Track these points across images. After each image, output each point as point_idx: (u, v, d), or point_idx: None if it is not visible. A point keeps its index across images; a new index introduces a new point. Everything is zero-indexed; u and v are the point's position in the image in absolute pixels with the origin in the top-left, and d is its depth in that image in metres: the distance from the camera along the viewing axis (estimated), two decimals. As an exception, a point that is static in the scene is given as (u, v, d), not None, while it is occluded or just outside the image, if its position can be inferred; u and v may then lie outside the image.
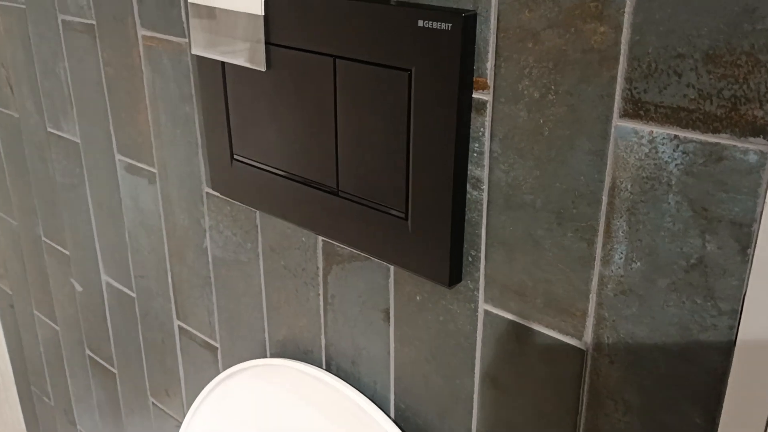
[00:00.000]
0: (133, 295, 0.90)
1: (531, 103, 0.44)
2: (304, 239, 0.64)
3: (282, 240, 0.66)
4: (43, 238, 1.07)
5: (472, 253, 0.51)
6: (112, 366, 1.01)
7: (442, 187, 0.49)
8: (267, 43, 0.57)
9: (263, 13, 0.56)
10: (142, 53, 0.73)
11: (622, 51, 0.39)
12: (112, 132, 0.82)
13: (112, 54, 0.77)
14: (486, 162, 0.48)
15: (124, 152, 0.81)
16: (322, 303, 0.64)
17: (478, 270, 0.51)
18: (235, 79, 0.61)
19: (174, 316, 0.84)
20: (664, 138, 0.39)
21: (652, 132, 0.39)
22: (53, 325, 1.14)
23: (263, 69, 0.58)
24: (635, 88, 0.40)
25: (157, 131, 0.75)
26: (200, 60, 0.64)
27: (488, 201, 0.48)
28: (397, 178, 0.52)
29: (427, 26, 0.46)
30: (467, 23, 0.45)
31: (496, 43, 0.45)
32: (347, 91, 0.53)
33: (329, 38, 0.53)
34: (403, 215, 0.53)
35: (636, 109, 0.40)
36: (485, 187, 0.48)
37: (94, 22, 0.78)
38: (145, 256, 0.85)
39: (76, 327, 1.07)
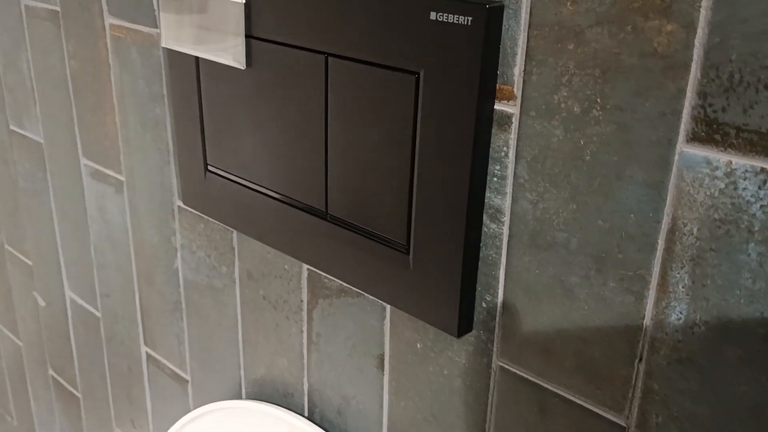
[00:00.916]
0: (99, 314, 0.81)
1: (569, 119, 0.35)
2: (286, 267, 0.55)
3: (261, 266, 0.57)
4: (6, 246, 0.97)
5: (487, 298, 0.42)
6: (76, 389, 0.92)
7: (453, 216, 0.40)
8: (248, 36, 0.48)
9: (244, 0, 0.47)
10: (109, 45, 0.64)
11: (695, 57, 0.31)
12: (77, 133, 0.73)
13: (78, 45, 0.68)
14: (508, 189, 0.39)
15: (89, 156, 0.72)
16: (305, 341, 0.55)
17: (494, 319, 0.42)
18: (210, 78, 0.52)
19: (141, 341, 0.75)
20: (747, 171, 0.30)
21: (731, 163, 0.31)
22: (16, 340, 1.05)
23: (242, 67, 0.49)
24: (710, 106, 0.31)
25: (125, 135, 0.66)
26: (171, 54, 0.55)
27: (509, 236, 0.39)
28: (398, 203, 0.43)
29: (441, 20, 0.37)
30: (492, 17, 0.36)
31: (528, 42, 0.36)
32: (341, 96, 0.44)
33: (321, 32, 0.44)
34: (403, 247, 0.43)
35: (710, 133, 0.31)
36: (506, 219, 0.39)
37: (58, 8, 0.69)
38: (111, 273, 0.75)
39: (38, 344, 0.98)
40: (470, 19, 0.36)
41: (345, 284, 0.50)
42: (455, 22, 0.37)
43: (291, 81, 0.46)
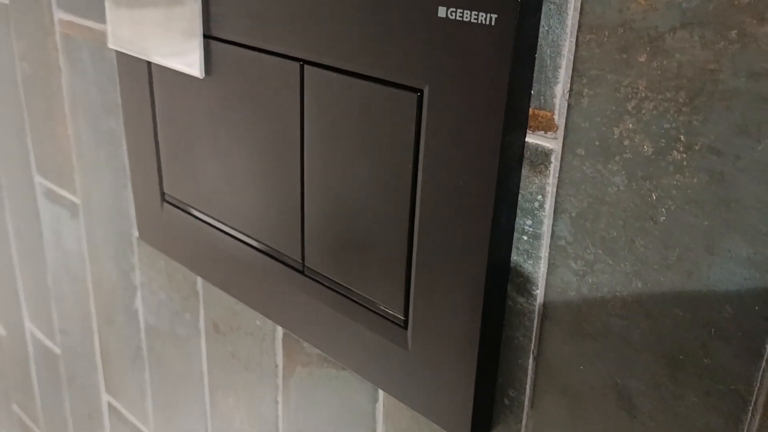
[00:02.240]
0: (58, 351, 0.70)
1: (636, 162, 0.24)
2: (258, 323, 0.44)
3: (230, 318, 0.46)
4: (-33, 265, 0.87)
5: (511, 394, 0.31)
6: (39, 429, 0.81)
7: (467, 283, 0.29)
8: (207, 36, 0.37)
9: (201, -9, 0.37)
10: (59, 44, 0.53)
11: None
12: (30, 146, 0.63)
13: (28, 45, 0.58)
14: (543, 252, 0.28)
15: (43, 173, 0.62)
16: (281, 413, 0.45)
17: (520, 421, 0.31)
18: (165, 89, 0.42)
19: (102, 388, 0.64)
20: None
21: None
22: (-19, 367, 0.95)
23: (200, 75, 0.38)
24: None
25: (79, 150, 0.56)
26: (121, 58, 0.45)
27: (543, 316, 0.29)
28: (394, 261, 0.32)
29: (453, 18, 0.27)
30: (525, 14, 0.25)
31: (576, 51, 0.25)
32: (320, 117, 0.33)
33: (295, 32, 0.33)
34: (401, 320, 0.33)
35: None
36: (539, 293, 0.29)
37: (7, 1, 0.59)
38: (69, 307, 0.65)
39: (2, 375, 0.88)
40: (494, 16, 0.25)
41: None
42: (473, 20, 0.26)
43: (259, 95, 0.36)
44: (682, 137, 0.23)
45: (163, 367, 0.55)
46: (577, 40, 0.25)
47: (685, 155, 0.23)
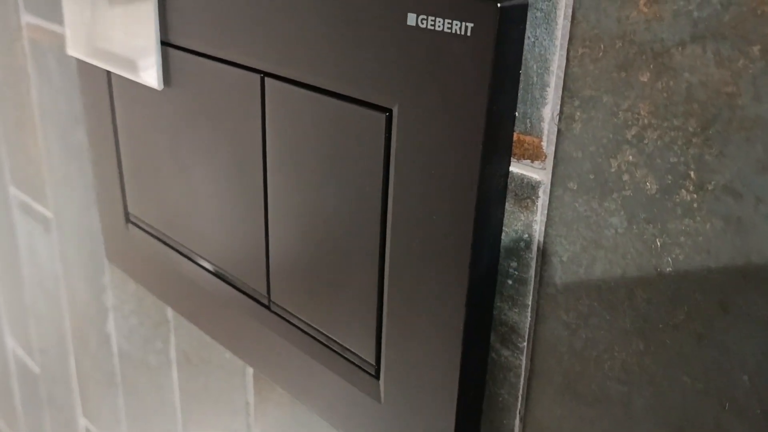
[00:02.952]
0: (38, 371, 0.67)
1: (638, 201, 0.20)
2: (227, 357, 0.40)
3: (201, 349, 0.42)
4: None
5: (495, 457, 0.27)
6: (23, 448, 0.78)
7: (445, 330, 0.25)
8: (166, 44, 0.34)
9: (158, -6, 0.33)
10: (27, 49, 0.50)
11: None
12: (3, 156, 0.59)
13: (-2, 49, 0.54)
14: (530, 300, 0.24)
15: (18, 185, 0.59)
16: (254, 454, 0.41)
17: (505, 488, 0.27)
18: (125, 100, 0.38)
19: (80, 411, 0.61)
20: None
21: None
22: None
23: (158, 87, 0.34)
24: None
25: (49, 162, 0.52)
26: (82, 66, 0.41)
27: (530, 371, 0.25)
28: (364, 301, 0.28)
29: (424, 27, 0.23)
30: (507, 23, 0.21)
31: (567, 67, 0.21)
32: (283, 135, 0.29)
33: (256, 42, 0.29)
34: (372, 368, 0.29)
35: None
36: (526, 345, 0.25)
37: (-23, 3, 0.55)
38: (46, 326, 0.62)
39: (-13, 390, 0.85)
40: (470, 26, 0.21)
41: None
42: (447, 30, 0.22)
43: (219, 109, 0.32)
44: (692, 174, 0.19)
45: (137, 396, 0.51)
46: (568, 54, 0.21)
47: (695, 196, 0.19)
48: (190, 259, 0.37)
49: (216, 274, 0.36)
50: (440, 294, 0.25)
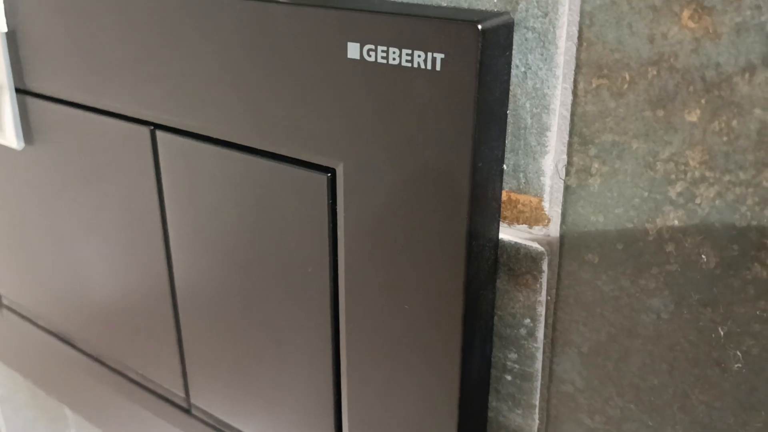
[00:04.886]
0: None
1: (689, 278, 0.15)
2: (143, 459, 0.33)
3: (107, 449, 0.35)
4: None
5: None
6: None
7: (426, 445, 0.20)
8: (21, 91, 0.26)
9: (5, 29, 0.26)
10: None
11: None
12: None
13: None
14: (538, 400, 0.19)
15: None
16: None
17: None
18: (-21, 161, 0.30)
19: None
20: None
21: None
22: None
23: (17, 146, 0.27)
24: None
25: None
26: None
27: (543, 486, 0.19)
28: (319, 404, 0.22)
29: (372, 60, 0.17)
30: (490, 51, 0.16)
31: (575, 104, 0.16)
32: (187, 201, 0.23)
33: (141, 86, 0.22)
34: (332, 486, 0.23)
35: None
36: (536, 455, 0.19)
37: None
38: None
39: None
40: (440, 57, 0.16)
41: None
42: (407, 64, 0.16)
43: (99, 169, 0.25)
44: (767, 242, 0.14)
45: (36, 498, 0.43)
46: (575, 86, 0.16)
47: (738, 270, 0.14)
48: (80, 350, 0.30)
49: (117, 371, 0.29)
50: (423, 397, 0.19)
